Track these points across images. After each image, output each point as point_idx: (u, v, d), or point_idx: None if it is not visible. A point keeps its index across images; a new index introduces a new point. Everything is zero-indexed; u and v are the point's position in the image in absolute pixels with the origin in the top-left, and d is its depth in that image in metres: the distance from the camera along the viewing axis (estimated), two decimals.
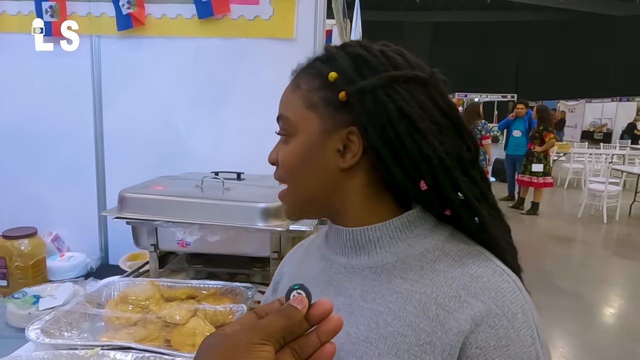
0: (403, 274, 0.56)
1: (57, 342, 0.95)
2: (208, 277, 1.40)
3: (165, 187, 1.34)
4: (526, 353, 0.49)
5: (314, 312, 0.41)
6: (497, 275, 0.53)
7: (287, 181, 0.62)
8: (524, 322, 0.51)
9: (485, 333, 0.49)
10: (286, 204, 0.64)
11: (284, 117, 0.61)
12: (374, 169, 0.57)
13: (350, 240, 0.60)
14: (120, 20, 1.76)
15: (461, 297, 0.51)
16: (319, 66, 0.58)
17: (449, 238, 0.58)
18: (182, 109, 1.86)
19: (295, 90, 0.59)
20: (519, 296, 0.52)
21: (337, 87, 0.55)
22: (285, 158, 0.60)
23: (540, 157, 6.43)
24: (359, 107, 0.54)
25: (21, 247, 1.49)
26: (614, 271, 4.79)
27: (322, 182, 0.59)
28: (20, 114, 1.88)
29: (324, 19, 1.75)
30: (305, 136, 0.58)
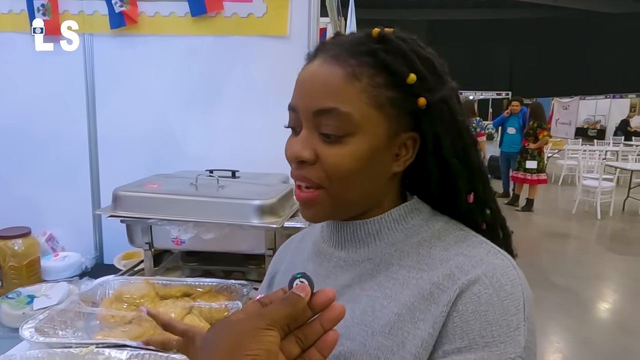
0: (400, 262, 0.56)
1: (51, 340, 0.94)
2: (203, 275, 1.39)
3: (160, 185, 1.34)
4: (505, 321, 0.48)
5: (317, 300, 0.41)
6: (491, 254, 0.53)
7: (329, 185, 0.54)
8: (511, 294, 0.50)
9: (467, 298, 0.49)
10: (318, 208, 0.56)
11: (341, 113, 0.51)
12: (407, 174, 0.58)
13: (350, 234, 0.60)
14: (113, 18, 1.75)
15: (455, 275, 0.51)
16: (387, 60, 0.52)
17: (445, 227, 0.58)
18: (176, 107, 1.86)
19: (354, 81, 0.51)
20: (512, 272, 0.52)
21: (414, 92, 0.53)
22: (342, 161, 0.52)
23: (535, 154, 6.45)
24: (435, 116, 0.54)
25: (15, 247, 1.48)
26: (608, 266, 4.83)
27: (372, 186, 0.56)
28: (13, 114, 1.87)
29: (318, 16, 1.75)
30: (370, 138, 0.53)
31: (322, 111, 0.52)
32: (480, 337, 0.47)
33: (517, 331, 0.48)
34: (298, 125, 0.55)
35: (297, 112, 0.55)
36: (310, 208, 0.57)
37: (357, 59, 0.52)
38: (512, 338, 0.48)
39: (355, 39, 0.55)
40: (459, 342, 0.48)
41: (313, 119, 0.53)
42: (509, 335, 0.48)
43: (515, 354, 0.47)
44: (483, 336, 0.47)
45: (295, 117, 0.56)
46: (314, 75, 0.54)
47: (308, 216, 0.58)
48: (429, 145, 0.55)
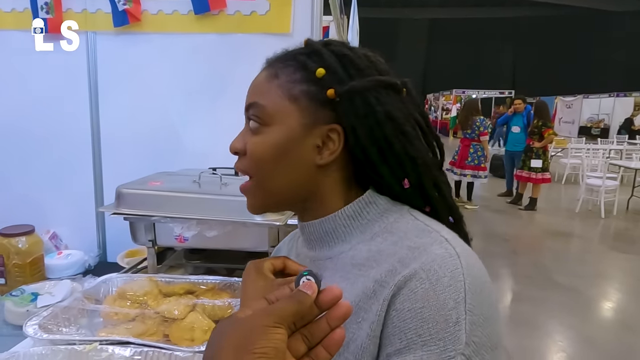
0: (353, 260, 0.57)
1: (55, 337, 0.94)
2: (206, 273, 1.39)
3: (163, 182, 1.34)
4: (443, 316, 0.46)
5: (323, 297, 0.41)
6: (437, 243, 0.52)
7: (254, 173, 0.59)
8: (450, 286, 0.47)
9: (404, 295, 0.48)
10: (250, 198, 0.61)
11: (258, 105, 0.58)
12: (347, 167, 0.59)
13: (311, 233, 0.62)
14: (116, 16, 1.75)
15: (396, 270, 0.51)
16: (302, 59, 0.58)
17: (399, 219, 0.58)
18: (179, 105, 1.86)
19: (272, 79, 0.58)
20: (453, 261, 0.49)
21: (324, 84, 0.56)
22: (257, 149, 0.58)
23: (539, 152, 6.43)
24: (348, 107, 0.56)
25: (19, 245, 1.48)
26: (611, 265, 4.81)
27: (294, 177, 0.58)
28: (16, 112, 1.87)
29: (321, 13, 1.75)
30: (283, 128, 0.57)
31: (249, 105, 0.59)
32: (417, 335, 0.46)
33: (457, 326, 0.46)
34: None
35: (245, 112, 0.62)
36: (247, 197, 0.62)
37: (283, 62, 0.59)
38: (450, 334, 0.46)
39: (290, 49, 0.62)
40: (398, 343, 0.47)
41: (246, 113, 0.60)
42: (448, 332, 0.46)
43: (456, 351, 0.45)
44: (420, 335, 0.46)
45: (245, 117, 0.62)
46: (254, 80, 0.62)
47: (248, 206, 0.63)
48: (349, 136, 0.57)
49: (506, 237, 5.51)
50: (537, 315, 3.48)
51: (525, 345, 3.04)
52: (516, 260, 4.84)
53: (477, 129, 6.41)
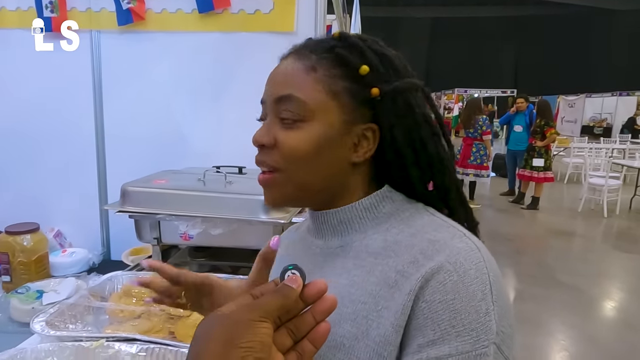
0: (368, 249, 0.57)
1: (62, 334, 0.95)
2: (211, 271, 1.39)
3: (168, 181, 1.34)
4: (474, 307, 0.47)
5: (308, 291, 0.41)
6: (456, 238, 0.53)
7: (285, 168, 0.57)
8: (476, 278, 0.49)
9: (433, 287, 0.49)
10: (274, 191, 0.59)
11: (296, 99, 0.55)
12: (372, 165, 0.60)
13: (324, 222, 0.62)
14: (121, 15, 1.76)
15: (418, 262, 0.52)
16: (342, 53, 0.56)
17: (415, 214, 0.59)
18: (183, 104, 1.86)
19: (310, 72, 0.56)
20: (476, 255, 0.51)
21: (367, 82, 0.56)
22: (295, 145, 0.56)
23: (542, 152, 6.42)
24: (389, 107, 0.57)
25: (24, 243, 1.49)
26: (614, 264, 4.80)
27: (327, 173, 0.58)
28: (21, 110, 1.88)
29: (325, 12, 1.75)
30: (323, 125, 0.56)
31: (281, 98, 0.56)
32: (451, 326, 0.47)
33: (487, 316, 0.48)
34: (265, 115, 0.60)
35: (264, 104, 0.60)
36: (269, 190, 0.59)
37: (317, 54, 0.57)
38: (482, 324, 0.47)
39: (320, 39, 0.61)
40: (431, 334, 0.48)
41: (274, 106, 0.57)
42: (479, 322, 0.47)
43: (488, 340, 0.47)
44: (454, 325, 0.47)
45: (263, 109, 0.60)
46: (279, 69, 0.59)
47: (268, 199, 0.60)
48: (386, 135, 0.57)
49: (509, 237, 5.51)
50: (539, 314, 3.48)
51: (528, 344, 3.04)
52: (519, 259, 4.84)
53: (480, 128, 6.40)
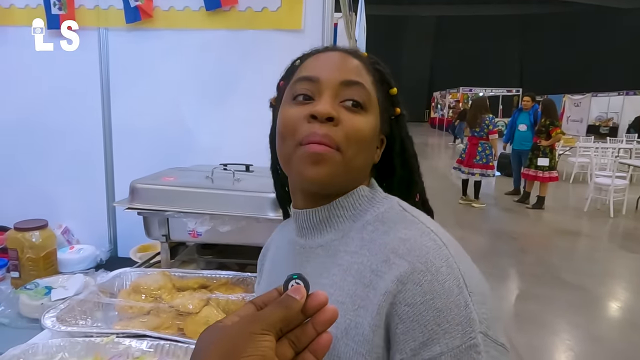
0: (346, 248, 0.60)
1: (73, 329, 0.96)
2: (218, 268, 1.40)
3: (176, 178, 1.35)
4: (454, 302, 0.50)
5: (309, 304, 0.41)
6: (424, 235, 0.56)
7: (347, 150, 0.57)
8: (449, 274, 0.51)
9: (411, 291, 0.50)
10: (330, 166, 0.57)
11: (365, 89, 0.60)
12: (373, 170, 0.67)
13: (305, 221, 0.64)
14: (129, 12, 1.76)
15: (390, 260, 0.54)
16: (383, 71, 0.66)
17: (389, 210, 0.62)
18: (190, 101, 1.87)
19: (369, 74, 0.63)
20: (444, 251, 0.53)
21: (393, 101, 0.66)
22: (360, 126, 0.59)
23: (546, 151, 6.39)
24: (402, 125, 0.67)
25: (32, 239, 1.49)
26: (620, 265, 4.77)
27: (365, 165, 0.63)
28: (29, 107, 1.89)
29: (332, 10, 1.74)
30: (375, 120, 0.62)
31: (351, 82, 0.59)
32: (437, 325, 0.49)
33: (467, 308, 0.49)
34: (316, 94, 0.59)
35: (318, 82, 0.59)
36: (323, 164, 0.56)
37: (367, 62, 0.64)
38: (465, 317, 0.49)
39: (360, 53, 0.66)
40: (420, 336, 0.49)
41: (338, 88, 0.59)
42: (462, 315, 0.49)
43: (474, 331, 0.49)
44: (439, 324, 0.49)
45: (313, 87, 0.59)
46: (340, 57, 0.62)
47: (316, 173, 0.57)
48: (396, 147, 0.66)
49: (514, 236, 5.49)
50: (545, 314, 3.47)
51: (533, 344, 3.03)
52: (524, 258, 4.82)
53: (486, 127, 6.37)
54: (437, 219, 0.66)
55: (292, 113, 0.59)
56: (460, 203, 6.91)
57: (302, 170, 0.57)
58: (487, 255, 4.80)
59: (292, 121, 0.58)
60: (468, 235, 5.32)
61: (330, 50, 0.64)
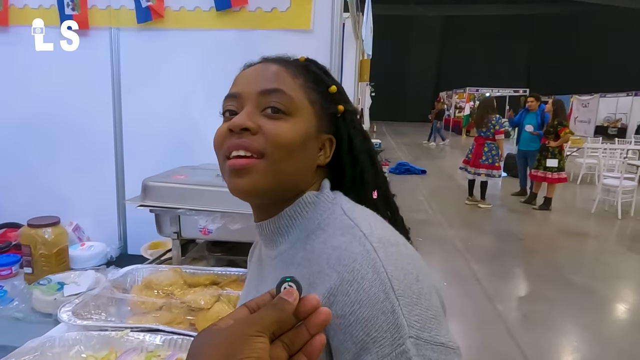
0: (293, 259, 0.60)
1: (88, 323, 0.97)
2: (228, 265, 1.41)
3: (187, 176, 1.36)
4: (380, 309, 0.49)
5: (302, 307, 0.41)
6: (355, 240, 0.55)
7: (272, 154, 0.58)
8: (374, 280, 0.50)
9: (341, 302, 0.51)
10: (254, 176, 0.57)
11: (286, 94, 0.60)
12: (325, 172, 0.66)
13: (261, 233, 0.66)
14: (140, 13, 1.78)
15: (324, 271, 0.54)
16: (317, 72, 0.65)
17: (331, 215, 0.61)
18: (199, 101, 1.88)
19: (295, 78, 0.62)
20: (372, 256, 0.52)
21: (334, 100, 0.65)
22: (282, 131, 0.58)
23: (555, 152, 6.35)
24: (348, 122, 0.66)
25: (45, 236, 1.51)
26: (627, 266, 4.74)
27: (303, 168, 0.62)
28: (42, 106, 1.92)
29: (341, 10, 1.76)
30: (305, 124, 0.61)
31: (269, 90, 0.60)
32: (366, 335, 0.49)
33: (394, 314, 0.49)
34: (239, 108, 0.61)
35: (240, 97, 0.61)
36: (248, 176, 0.57)
37: (294, 66, 0.64)
38: (392, 324, 0.48)
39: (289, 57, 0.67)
40: (353, 348, 0.49)
41: (257, 98, 0.60)
42: (389, 322, 0.48)
43: (403, 337, 0.48)
44: (368, 333, 0.49)
45: (235, 102, 0.62)
46: (260, 69, 0.63)
47: (242, 184, 0.58)
48: (343, 145, 0.65)
49: (521, 237, 5.47)
50: (551, 315, 3.46)
51: (540, 345, 3.02)
52: (531, 259, 4.80)
53: (493, 127, 6.35)
54: (443, 219, 0.66)
55: (219, 129, 0.62)
56: (467, 203, 6.89)
57: (228, 184, 0.60)
58: (494, 256, 4.79)
59: (218, 136, 0.61)
60: (474, 235, 5.30)
61: (256, 64, 0.65)
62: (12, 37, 1.88)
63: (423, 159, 11.78)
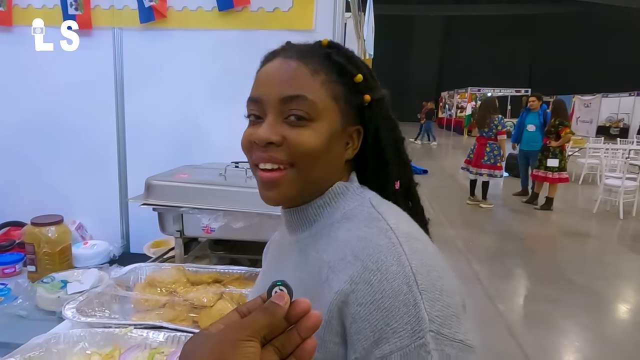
0: (315, 245, 0.61)
1: (92, 320, 0.98)
2: (230, 263, 1.42)
3: (190, 175, 1.37)
4: (402, 301, 0.50)
5: (293, 311, 0.41)
6: (382, 233, 0.56)
7: (300, 163, 0.59)
8: (399, 273, 0.51)
9: (362, 290, 0.51)
10: (284, 188, 0.59)
11: (307, 100, 0.58)
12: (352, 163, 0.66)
13: (288, 220, 0.66)
14: (143, 12, 1.79)
15: (346, 258, 0.55)
16: (340, 61, 0.61)
17: (359, 206, 0.62)
18: (202, 100, 1.89)
19: (315, 75, 0.59)
20: (397, 249, 0.53)
21: (360, 89, 0.62)
22: (306, 141, 0.58)
23: (556, 152, 6.34)
24: (376, 112, 0.64)
25: (49, 234, 1.52)
26: (629, 267, 4.74)
27: (331, 168, 0.62)
28: (45, 106, 1.93)
29: (343, 10, 1.76)
30: (329, 125, 0.60)
31: (290, 97, 0.58)
32: (386, 325, 0.49)
33: (416, 307, 0.49)
34: (263, 114, 0.60)
35: (261, 102, 0.60)
36: (274, 189, 0.60)
37: (315, 59, 0.61)
38: (414, 316, 0.49)
39: (310, 45, 0.65)
40: (371, 336, 0.50)
41: (279, 105, 0.59)
42: (411, 314, 0.49)
43: (423, 330, 0.49)
44: (388, 324, 0.49)
45: (258, 107, 0.61)
46: (279, 69, 0.61)
47: (271, 197, 0.61)
48: (369, 136, 0.64)
49: (522, 237, 5.46)
50: (553, 315, 3.46)
51: (542, 345, 3.03)
52: (532, 259, 4.80)
53: (495, 128, 6.34)
54: (444, 219, 0.67)
55: (245, 134, 0.62)
56: (468, 203, 6.89)
57: (260, 192, 0.63)
58: (495, 256, 4.79)
59: (245, 143, 0.62)
60: (475, 235, 5.30)
61: (277, 57, 0.63)
62: (16, 37, 1.89)
63: (424, 159, 11.78)
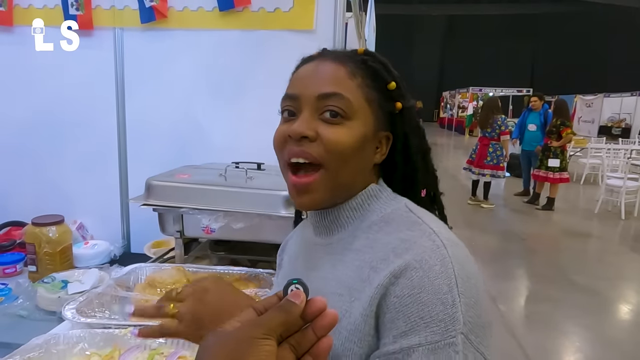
0: (352, 246, 0.62)
1: (92, 321, 0.98)
2: (230, 264, 1.42)
3: (190, 175, 1.37)
4: (440, 299, 0.51)
5: (309, 309, 0.41)
6: (425, 236, 0.57)
7: (330, 163, 0.60)
8: (442, 273, 0.52)
9: (402, 284, 0.52)
10: (316, 192, 0.61)
11: (344, 98, 0.60)
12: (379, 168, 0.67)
13: (319, 221, 0.67)
14: (144, 13, 1.79)
15: (389, 259, 0.56)
16: (376, 67, 0.64)
17: (396, 210, 0.63)
18: (203, 100, 1.89)
19: (352, 77, 0.61)
20: (442, 251, 0.54)
21: (393, 96, 0.65)
22: (340, 138, 0.59)
23: (557, 152, 6.33)
24: (406, 120, 0.66)
25: (49, 234, 1.53)
26: (631, 267, 4.73)
27: (360, 171, 0.63)
28: (46, 106, 1.93)
29: (344, 10, 1.76)
30: (363, 126, 0.61)
31: (327, 95, 0.60)
32: (420, 318, 0.50)
33: (454, 308, 0.50)
34: (298, 110, 0.62)
35: (298, 99, 0.62)
36: (305, 195, 0.62)
37: (352, 63, 0.63)
38: (449, 315, 0.50)
39: (347, 52, 0.66)
40: (403, 326, 0.51)
41: (316, 102, 0.60)
42: (446, 313, 0.50)
43: (456, 330, 0.50)
44: (422, 317, 0.50)
45: (294, 103, 0.62)
46: (317, 69, 0.63)
47: (304, 202, 0.63)
48: (398, 143, 0.66)
49: (523, 237, 5.46)
50: (554, 316, 3.45)
51: (543, 345, 3.02)
52: (533, 259, 4.79)
53: (498, 128, 6.33)
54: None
55: (279, 130, 0.63)
56: (469, 203, 6.88)
57: (291, 196, 0.64)
58: (496, 256, 4.78)
59: (279, 139, 0.63)
60: (477, 235, 5.30)
61: (314, 60, 0.65)
62: (17, 37, 1.89)
63: None
